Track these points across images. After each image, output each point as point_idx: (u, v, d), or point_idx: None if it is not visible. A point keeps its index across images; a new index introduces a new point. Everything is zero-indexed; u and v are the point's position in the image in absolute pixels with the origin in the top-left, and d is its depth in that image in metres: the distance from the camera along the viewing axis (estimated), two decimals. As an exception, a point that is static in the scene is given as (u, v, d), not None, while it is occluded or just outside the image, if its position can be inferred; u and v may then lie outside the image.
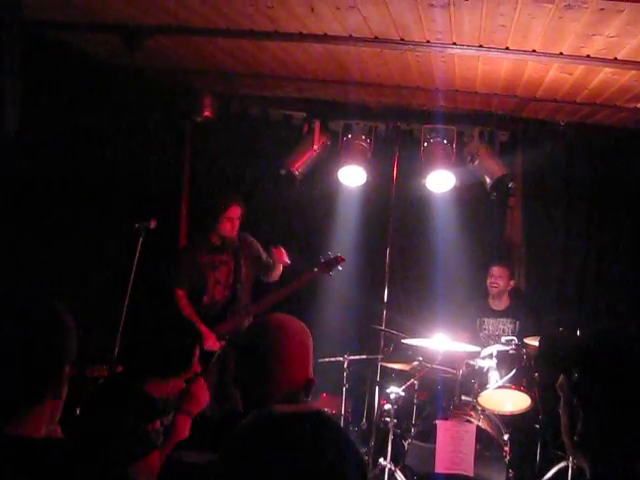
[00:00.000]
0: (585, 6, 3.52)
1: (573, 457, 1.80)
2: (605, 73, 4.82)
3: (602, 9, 3.54)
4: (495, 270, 6.52)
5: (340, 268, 5.95)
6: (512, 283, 6.54)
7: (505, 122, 6.67)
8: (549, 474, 5.47)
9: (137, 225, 5.04)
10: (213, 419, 2.74)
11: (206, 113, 6.49)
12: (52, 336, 1.80)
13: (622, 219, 6.84)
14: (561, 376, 1.81)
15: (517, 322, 6.46)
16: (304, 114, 6.82)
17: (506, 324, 6.48)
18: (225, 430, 2.18)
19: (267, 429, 1.41)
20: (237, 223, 5.76)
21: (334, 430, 1.45)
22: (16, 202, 4.73)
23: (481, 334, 6.52)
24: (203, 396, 3.36)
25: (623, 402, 1.68)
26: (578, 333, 2.19)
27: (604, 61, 4.48)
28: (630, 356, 1.72)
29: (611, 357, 1.73)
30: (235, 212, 5.71)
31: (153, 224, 5.07)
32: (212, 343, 5.52)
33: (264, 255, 6.07)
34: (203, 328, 5.40)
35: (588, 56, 4.44)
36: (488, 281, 6.50)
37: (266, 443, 1.38)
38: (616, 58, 4.42)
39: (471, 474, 5.10)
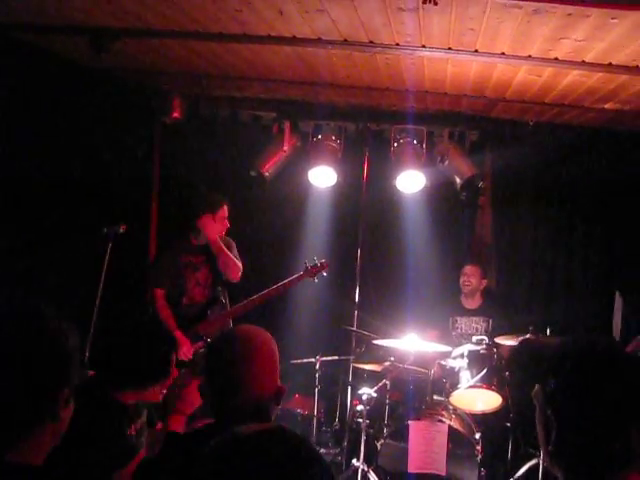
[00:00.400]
0: (553, 11, 3.55)
1: (549, 468, 1.81)
2: (573, 75, 4.86)
3: (569, 14, 3.57)
4: (467, 269, 6.53)
5: (324, 274, 5.89)
6: (484, 282, 6.56)
7: (474, 122, 6.71)
8: (521, 471, 5.51)
9: (106, 230, 4.98)
10: (181, 436, 2.71)
11: (175, 114, 6.45)
12: (50, 358, 1.76)
13: (591, 218, 6.92)
14: (537, 385, 1.83)
15: (490, 320, 6.49)
16: (274, 115, 6.80)
17: (479, 322, 6.51)
18: (194, 448, 2.19)
19: (232, 453, 1.41)
20: (226, 224, 5.73)
21: (298, 446, 1.45)
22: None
23: (454, 333, 6.54)
24: (195, 398, 3.36)
25: (597, 416, 1.69)
26: (555, 342, 2.21)
27: (572, 64, 4.52)
28: (604, 371, 1.74)
29: (586, 371, 1.75)
30: (225, 212, 5.68)
31: (123, 228, 5.02)
32: (186, 351, 5.46)
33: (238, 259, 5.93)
34: (178, 334, 5.38)
35: (556, 59, 4.48)
36: (461, 280, 6.52)
37: (232, 467, 1.38)
38: (584, 61, 4.46)
39: (444, 473, 5.13)
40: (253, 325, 2.48)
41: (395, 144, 6.49)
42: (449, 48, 4.50)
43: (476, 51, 4.50)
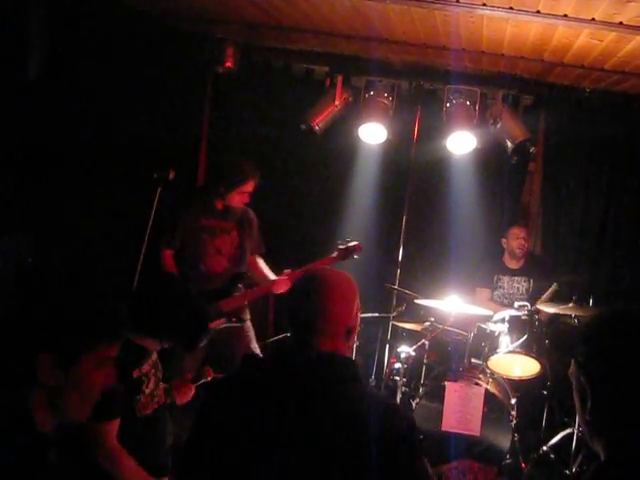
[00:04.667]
0: (622, -29, 3.46)
1: (588, 440, 1.81)
2: (637, 41, 4.74)
3: (639, -24, 3.48)
4: (519, 231, 6.53)
5: (356, 257, 5.55)
6: (529, 244, 6.56)
7: (530, 86, 6.59)
8: (554, 440, 5.52)
9: (156, 175, 4.98)
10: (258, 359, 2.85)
11: (228, 64, 6.42)
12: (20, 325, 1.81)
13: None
14: (572, 362, 1.83)
15: (531, 281, 6.50)
16: (327, 69, 6.75)
17: (520, 282, 6.52)
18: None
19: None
20: (247, 198, 5.35)
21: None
22: (37, 151, 4.73)
23: (496, 292, 6.53)
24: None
25: (629, 381, 1.69)
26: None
27: (637, 29, 4.41)
28: (633, 336, 1.73)
29: (616, 336, 1.75)
30: (250, 187, 5.29)
31: (172, 174, 4.99)
32: None
33: (259, 239, 5.63)
34: None
35: (621, 23, 4.37)
36: (513, 242, 6.50)
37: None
38: (650, 26, 4.35)
39: (478, 435, 5.16)
40: (334, 270, 2.62)
41: (447, 104, 6.42)
42: (510, 7, 4.42)
43: (538, 12, 4.41)
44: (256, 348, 5.43)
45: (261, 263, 5.57)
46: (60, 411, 2.00)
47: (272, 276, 5.42)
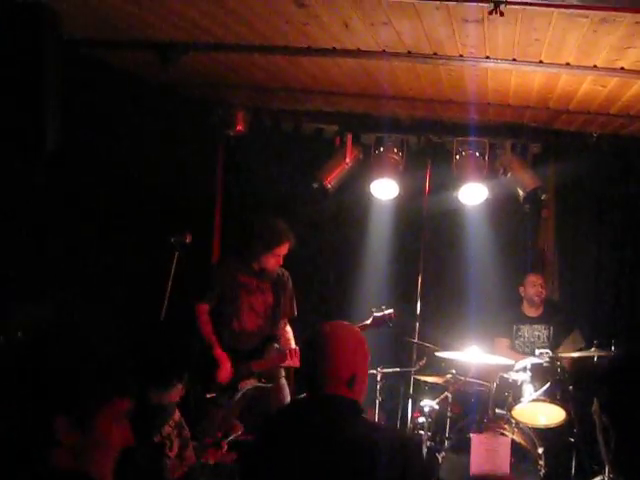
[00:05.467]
0: (620, 19, 3.52)
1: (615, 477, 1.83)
2: (639, 85, 4.80)
3: (637, 22, 3.54)
4: (536, 278, 6.53)
5: (390, 325, 5.58)
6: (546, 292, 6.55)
7: (537, 134, 6.66)
8: (585, 488, 5.44)
9: (173, 239, 5.04)
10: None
11: (239, 127, 6.54)
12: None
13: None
14: (595, 401, 1.84)
15: (551, 328, 6.46)
16: (336, 127, 6.86)
17: (541, 330, 6.48)
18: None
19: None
20: (281, 261, 5.45)
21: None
22: (56, 216, 4.79)
23: (517, 341, 6.51)
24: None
25: None
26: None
27: (638, 73, 4.47)
28: None
29: (635, 375, 1.76)
30: (284, 250, 5.40)
31: (189, 238, 5.06)
32: (224, 373, 5.12)
33: (292, 301, 5.69)
34: (219, 353, 5.11)
35: (622, 68, 4.43)
36: (531, 290, 6.49)
37: None
38: (651, 70, 4.42)
39: (507, 485, 5.09)
40: (343, 323, 2.79)
41: (457, 156, 6.49)
42: (513, 59, 4.49)
43: (541, 62, 4.48)
44: None
45: (288, 328, 5.62)
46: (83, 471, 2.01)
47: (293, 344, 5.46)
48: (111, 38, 4.85)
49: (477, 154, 6.43)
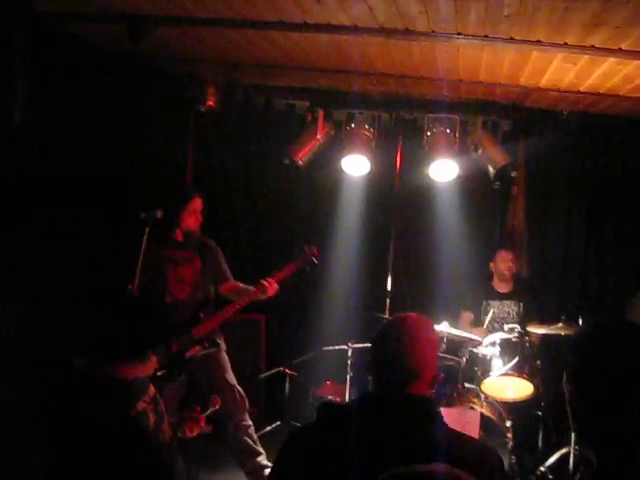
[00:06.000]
0: (591, -4, 3.55)
1: (580, 447, 1.88)
2: (609, 63, 4.84)
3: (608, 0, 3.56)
4: (506, 254, 6.57)
5: (316, 262, 5.60)
6: (516, 268, 6.61)
7: (508, 111, 6.69)
8: (551, 460, 5.50)
9: (143, 215, 5.00)
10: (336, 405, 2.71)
11: (210, 102, 6.49)
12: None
13: (623, 208, 6.88)
14: (564, 374, 1.88)
15: (521, 304, 6.52)
16: (308, 103, 6.83)
17: (511, 306, 6.53)
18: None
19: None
20: (199, 216, 5.50)
21: None
22: (22, 193, 4.74)
23: (487, 317, 6.55)
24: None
25: (616, 390, 1.73)
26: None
27: (609, 51, 4.50)
28: (620, 348, 1.78)
29: (602, 347, 1.80)
30: (197, 205, 5.47)
31: (160, 213, 5.03)
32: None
33: (224, 265, 5.66)
34: None
35: (593, 46, 4.46)
36: (502, 265, 6.54)
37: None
38: (620, 48, 4.44)
39: (474, 460, 5.15)
40: (419, 315, 2.59)
41: (428, 133, 6.50)
42: (485, 36, 4.50)
43: (511, 38, 4.49)
44: (232, 378, 5.42)
45: (239, 283, 5.62)
46: None
47: (252, 288, 5.41)
48: (80, 11, 4.80)
49: (448, 131, 6.44)
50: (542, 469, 5.50)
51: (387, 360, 2.37)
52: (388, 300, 6.62)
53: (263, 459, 5.46)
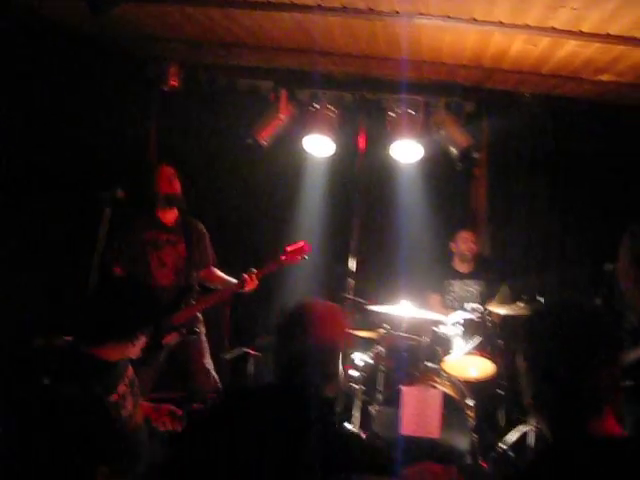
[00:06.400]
0: (552, -23, 3.57)
1: (535, 420, 1.94)
2: (570, 45, 4.89)
3: (568, -20, 3.59)
4: (468, 235, 6.57)
5: (306, 257, 5.57)
6: (478, 248, 6.64)
7: (471, 93, 6.71)
8: (511, 437, 5.58)
9: (104, 195, 4.90)
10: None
11: (172, 82, 6.43)
12: None
13: (585, 189, 6.96)
14: (519, 352, 1.92)
15: (482, 284, 6.55)
16: (271, 83, 6.79)
17: (472, 286, 6.55)
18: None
19: None
20: (175, 181, 5.35)
21: None
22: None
23: (448, 297, 6.59)
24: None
25: (563, 365, 1.77)
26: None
27: (569, 33, 4.55)
28: (569, 325, 1.82)
29: (553, 326, 1.84)
30: (167, 171, 5.35)
31: (120, 193, 4.93)
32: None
33: (209, 251, 5.59)
34: None
35: (553, 28, 4.50)
36: (462, 246, 6.55)
37: None
38: (581, 31, 4.49)
39: (437, 437, 5.21)
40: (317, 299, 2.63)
41: (391, 114, 6.50)
42: (447, 16, 4.52)
43: (474, 19, 4.53)
44: (209, 363, 5.39)
45: (218, 272, 5.58)
46: None
47: (233, 280, 5.37)
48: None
49: (411, 112, 6.44)
50: (503, 446, 5.58)
51: (285, 351, 2.42)
52: (351, 280, 6.64)
53: None
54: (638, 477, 1.60)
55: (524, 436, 5.47)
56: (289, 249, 5.50)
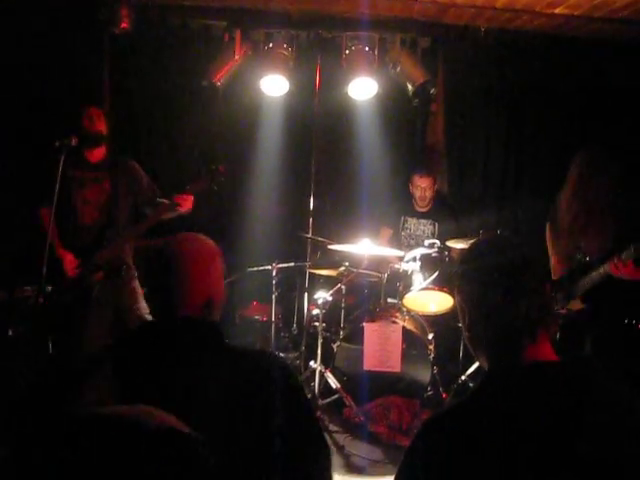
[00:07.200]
0: None
1: (472, 353, 1.98)
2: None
3: None
4: (421, 180, 6.48)
5: (223, 179, 5.40)
6: (435, 187, 6.65)
7: (426, 28, 6.68)
8: (471, 369, 5.73)
9: (58, 143, 4.85)
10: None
11: (124, 24, 6.28)
12: None
13: (541, 125, 7.02)
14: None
15: (436, 224, 6.59)
16: (224, 24, 6.69)
17: (426, 225, 6.60)
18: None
19: None
20: (100, 121, 5.21)
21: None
22: None
23: (403, 233, 6.63)
24: None
25: (493, 296, 1.83)
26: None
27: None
28: (494, 256, 1.88)
29: (479, 258, 1.90)
30: (91, 111, 5.19)
31: (75, 141, 4.88)
32: (69, 265, 5.00)
33: (146, 184, 5.45)
34: (61, 252, 5.02)
35: (506, -39, 4.49)
36: (416, 192, 6.53)
37: None
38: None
39: (398, 371, 5.34)
40: (194, 235, 2.47)
41: (347, 51, 6.46)
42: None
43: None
44: (144, 308, 5.27)
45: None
46: None
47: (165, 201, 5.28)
48: None
49: (367, 49, 6.41)
50: (463, 378, 5.73)
51: (157, 291, 2.34)
52: (311, 219, 6.67)
53: None
54: (572, 399, 1.67)
55: (483, 368, 5.60)
56: (222, 169, 5.40)
